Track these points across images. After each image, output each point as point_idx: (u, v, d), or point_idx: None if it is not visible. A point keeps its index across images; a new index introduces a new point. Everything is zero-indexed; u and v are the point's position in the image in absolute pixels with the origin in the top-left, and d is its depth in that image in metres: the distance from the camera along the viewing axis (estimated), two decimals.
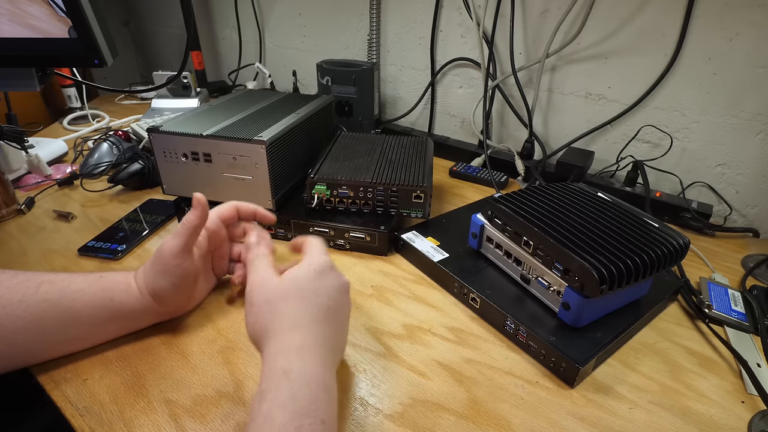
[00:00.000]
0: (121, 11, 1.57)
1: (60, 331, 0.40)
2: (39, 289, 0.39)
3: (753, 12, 0.61)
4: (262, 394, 0.30)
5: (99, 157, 0.78)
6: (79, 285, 0.41)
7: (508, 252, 0.51)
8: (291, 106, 0.70)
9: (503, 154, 0.86)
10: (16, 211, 0.68)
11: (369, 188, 0.59)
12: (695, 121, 0.71)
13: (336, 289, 0.38)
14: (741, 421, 0.39)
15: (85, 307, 0.40)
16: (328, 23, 1.09)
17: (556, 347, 0.41)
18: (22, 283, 0.39)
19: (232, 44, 1.34)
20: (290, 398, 0.29)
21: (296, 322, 0.34)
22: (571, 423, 0.38)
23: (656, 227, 0.47)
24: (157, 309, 0.44)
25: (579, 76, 0.79)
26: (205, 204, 0.43)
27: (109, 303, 0.41)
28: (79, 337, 0.41)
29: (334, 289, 0.38)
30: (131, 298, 0.42)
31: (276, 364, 0.31)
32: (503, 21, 0.81)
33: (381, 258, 0.59)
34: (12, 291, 0.38)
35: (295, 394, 0.29)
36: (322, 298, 0.37)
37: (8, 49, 0.64)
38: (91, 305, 0.40)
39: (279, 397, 0.29)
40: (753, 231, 0.68)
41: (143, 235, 0.62)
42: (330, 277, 0.38)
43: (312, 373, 0.31)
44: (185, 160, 0.59)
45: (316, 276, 0.37)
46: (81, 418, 0.37)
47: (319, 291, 0.37)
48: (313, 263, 0.38)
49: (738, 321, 0.50)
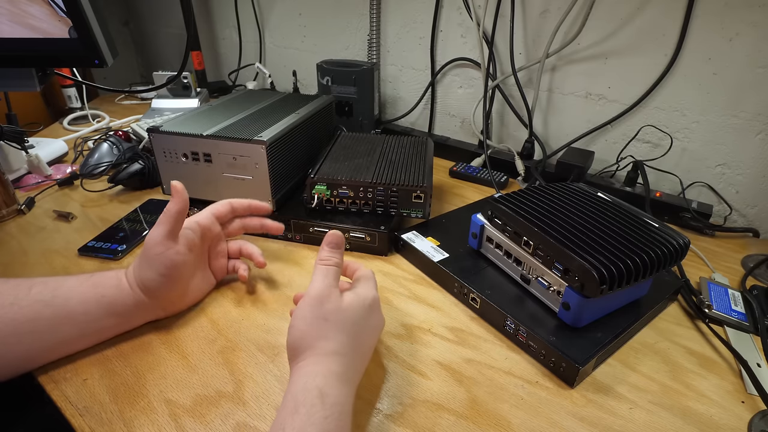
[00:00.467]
0: (121, 11, 1.57)
1: (54, 330, 0.40)
2: (31, 291, 0.39)
3: (753, 12, 0.61)
4: (296, 409, 0.30)
5: (99, 157, 0.78)
6: (70, 283, 0.41)
7: (508, 252, 0.51)
8: (291, 106, 0.70)
9: (503, 154, 0.86)
10: (16, 211, 0.68)
11: (369, 188, 0.59)
12: (695, 121, 0.71)
13: (377, 328, 0.41)
14: (741, 421, 0.39)
15: (78, 305, 0.40)
16: (328, 23, 1.09)
17: (556, 347, 0.41)
18: (14, 287, 0.39)
19: (232, 44, 1.34)
20: (322, 420, 0.30)
21: (342, 350, 0.35)
22: (571, 423, 0.38)
23: (656, 227, 0.47)
24: (149, 304, 0.43)
25: (579, 76, 0.79)
26: (182, 190, 0.43)
27: (102, 299, 0.41)
28: (73, 336, 0.41)
29: (376, 328, 0.40)
30: (122, 293, 0.42)
31: (314, 382, 0.32)
32: (503, 21, 0.81)
33: (381, 258, 0.59)
34: (3, 295, 0.38)
35: (327, 418, 0.30)
36: (366, 334, 0.38)
37: (8, 49, 0.64)
38: (83, 302, 0.40)
39: (313, 415, 0.30)
40: (753, 231, 0.68)
41: (143, 235, 0.62)
42: (376, 316, 0.40)
43: (344, 403, 0.32)
44: (185, 160, 0.59)
45: (368, 312, 0.39)
46: (81, 418, 0.37)
47: (366, 327, 0.38)
48: (369, 298, 0.39)
49: (738, 321, 0.50)
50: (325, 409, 0.30)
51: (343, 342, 0.35)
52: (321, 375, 0.33)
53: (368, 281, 0.41)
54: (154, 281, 0.42)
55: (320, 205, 0.60)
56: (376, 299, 0.40)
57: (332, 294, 0.37)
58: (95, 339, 0.43)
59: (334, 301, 0.37)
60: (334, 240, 0.40)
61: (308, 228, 0.60)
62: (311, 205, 0.60)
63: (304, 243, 0.62)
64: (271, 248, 0.60)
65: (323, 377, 0.32)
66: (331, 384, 0.32)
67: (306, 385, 0.32)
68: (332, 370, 0.33)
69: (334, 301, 0.37)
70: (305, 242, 0.62)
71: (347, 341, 0.36)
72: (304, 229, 0.61)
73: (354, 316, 0.37)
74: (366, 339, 0.38)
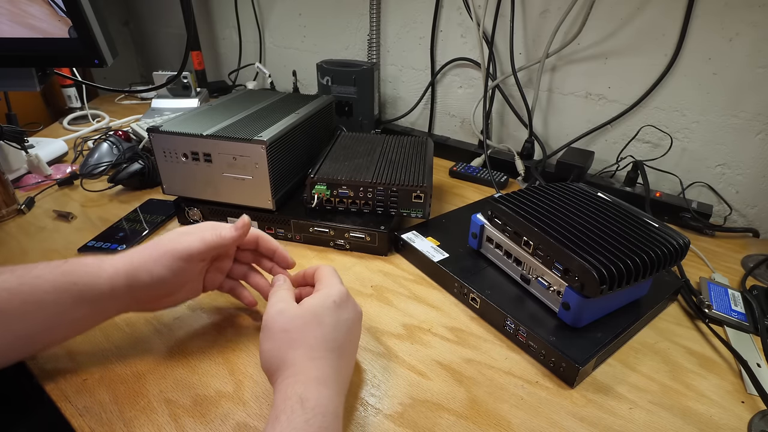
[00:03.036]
0: (121, 11, 1.57)
1: (24, 319, 0.37)
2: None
3: (753, 12, 0.61)
4: (276, 417, 0.30)
5: (99, 157, 0.78)
6: (39, 271, 0.38)
7: (508, 252, 0.51)
8: (291, 106, 0.70)
9: (503, 154, 0.86)
10: (16, 211, 0.68)
11: (369, 188, 0.59)
12: (695, 121, 0.71)
13: (353, 321, 0.39)
14: (741, 421, 0.39)
15: (47, 294, 0.37)
16: (328, 23, 1.09)
17: (556, 347, 0.41)
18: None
19: (232, 44, 1.34)
20: (304, 424, 0.30)
21: (314, 354, 0.34)
22: (571, 423, 0.38)
23: (656, 227, 0.47)
24: (126, 294, 0.40)
25: (579, 76, 0.79)
26: (247, 229, 0.43)
27: (73, 287, 0.38)
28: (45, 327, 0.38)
29: (351, 321, 0.38)
30: (99, 280, 0.39)
31: (293, 390, 0.32)
32: (503, 21, 0.81)
33: (381, 258, 0.59)
34: None
35: (309, 421, 0.30)
36: (340, 331, 0.37)
37: (8, 49, 0.64)
38: (53, 291, 0.37)
39: (294, 421, 0.30)
40: (753, 231, 0.68)
41: (143, 235, 0.62)
42: (348, 309, 0.39)
43: (326, 404, 0.32)
44: (185, 160, 0.59)
45: (336, 308, 0.37)
46: (81, 418, 0.37)
47: (338, 324, 0.37)
48: (332, 294, 0.38)
49: (738, 321, 0.50)
50: (305, 412, 0.30)
51: (313, 346, 0.35)
52: (300, 382, 0.32)
53: (329, 278, 0.40)
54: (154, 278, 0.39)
55: (320, 205, 0.60)
56: (342, 293, 0.39)
57: (285, 307, 0.37)
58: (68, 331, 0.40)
59: (290, 312, 0.36)
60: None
61: (308, 228, 0.60)
62: (311, 205, 0.60)
63: (304, 243, 0.62)
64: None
65: (302, 384, 0.32)
66: (310, 389, 0.32)
67: (286, 394, 0.32)
68: (310, 375, 0.33)
69: (290, 311, 0.36)
70: (305, 242, 0.62)
71: (318, 344, 0.35)
72: (304, 229, 0.61)
73: (315, 318, 0.36)
74: (342, 335, 0.37)
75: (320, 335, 0.35)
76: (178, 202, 0.64)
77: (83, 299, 0.38)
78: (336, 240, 0.60)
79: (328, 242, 0.60)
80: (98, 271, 0.39)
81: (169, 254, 0.40)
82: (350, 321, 0.38)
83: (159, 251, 0.40)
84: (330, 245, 0.61)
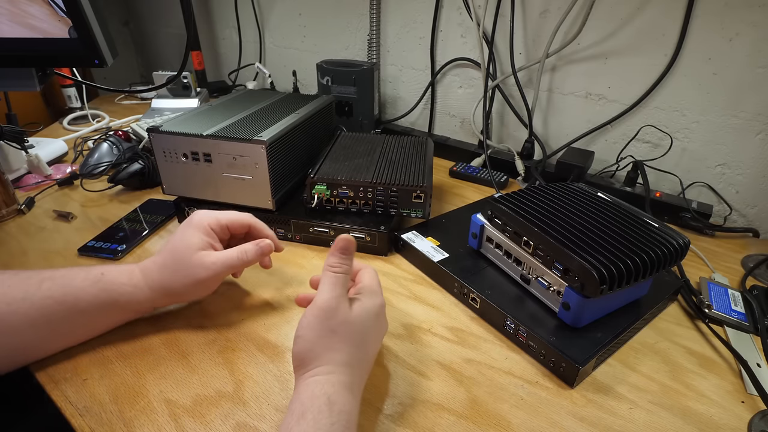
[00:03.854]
0: (121, 11, 1.57)
1: (68, 322, 0.41)
2: (41, 286, 0.40)
3: (753, 12, 0.61)
4: (303, 414, 0.30)
5: (99, 157, 0.78)
6: (80, 283, 0.41)
7: (508, 252, 0.51)
8: (291, 106, 0.70)
9: (503, 154, 0.86)
10: (16, 211, 0.68)
11: (369, 188, 0.59)
12: (695, 121, 0.71)
13: (382, 334, 0.40)
14: (741, 421, 0.39)
15: (90, 306, 0.41)
16: (328, 23, 1.09)
17: (556, 347, 0.41)
18: (24, 280, 0.40)
19: (232, 44, 1.34)
20: (329, 426, 0.30)
21: (350, 361, 0.35)
22: (571, 423, 0.38)
23: (656, 227, 0.47)
24: (164, 300, 0.45)
25: (579, 76, 0.79)
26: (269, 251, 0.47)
27: (114, 303, 0.42)
28: (86, 327, 0.43)
29: (381, 334, 0.40)
30: (137, 296, 0.43)
31: (322, 390, 0.32)
32: (503, 21, 0.81)
33: (381, 258, 0.59)
34: (14, 288, 0.39)
35: (334, 425, 0.30)
36: (371, 343, 0.38)
37: (8, 49, 0.64)
38: (96, 304, 0.41)
39: (320, 420, 0.30)
40: (753, 231, 0.68)
41: (143, 235, 0.62)
42: (381, 323, 0.40)
43: (350, 410, 0.32)
44: (185, 160, 0.59)
45: (375, 321, 0.38)
46: (81, 418, 0.37)
47: (372, 336, 0.38)
48: (376, 306, 0.39)
49: (738, 321, 0.50)
50: (332, 415, 0.30)
51: (351, 353, 0.35)
52: (330, 383, 0.33)
53: (376, 286, 0.41)
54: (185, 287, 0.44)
55: (320, 205, 0.60)
56: (382, 306, 0.40)
57: (341, 305, 0.36)
58: (105, 329, 0.44)
59: (343, 313, 0.35)
60: (345, 245, 0.38)
61: (308, 228, 0.60)
62: (311, 205, 0.60)
63: (304, 243, 0.62)
64: None
65: (332, 385, 0.32)
66: (339, 392, 0.32)
67: (314, 392, 0.32)
68: (341, 380, 0.33)
69: (343, 312, 0.36)
70: (305, 242, 0.62)
71: (355, 352, 0.35)
72: (304, 229, 0.61)
73: (362, 327, 0.37)
74: (371, 347, 0.38)
75: (359, 345, 0.36)
76: (178, 202, 0.64)
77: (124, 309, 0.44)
78: None
79: (328, 242, 0.61)
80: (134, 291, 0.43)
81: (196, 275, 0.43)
82: (381, 334, 0.40)
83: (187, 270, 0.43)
84: (330, 245, 0.60)
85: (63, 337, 0.42)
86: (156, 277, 0.43)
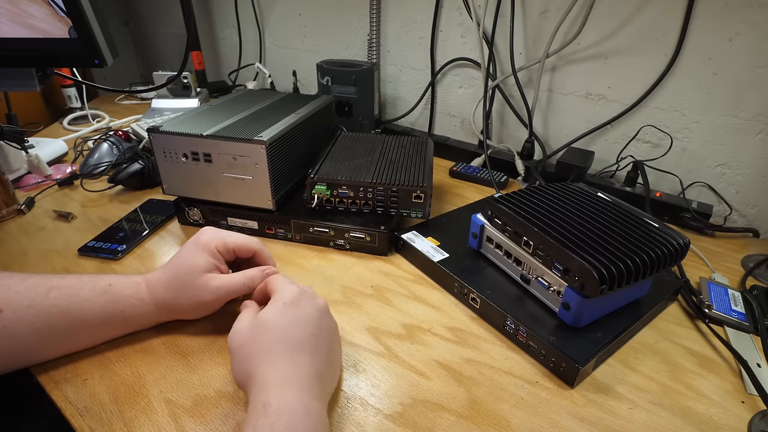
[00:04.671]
0: (121, 11, 1.57)
1: (71, 331, 0.41)
2: (48, 295, 0.40)
3: (753, 12, 0.61)
4: (245, 428, 0.31)
5: (99, 157, 0.78)
6: (87, 294, 0.41)
7: (508, 252, 0.51)
8: (291, 106, 0.70)
9: (503, 154, 0.86)
10: (16, 211, 0.68)
11: (369, 188, 0.59)
12: (695, 121, 0.71)
13: (314, 316, 0.38)
14: (741, 421, 0.39)
15: (95, 317, 0.41)
16: (328, 23, 1.09)
17: (556, 347, 0.41)
18: (31, 287, 0.40)
19: (232, 44, 1.34)
20: (270, 428, 0.30)
21: (269, 358, 0.35)
22: (571, 423, 0.38)
23: (656, 227, 0.47)
24: (167, 316, 0.45)
25: (579, 76, 0.79)
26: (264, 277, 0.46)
27: (120, 315, 0.42)
28: (88, 337, 0.43)
29: (312, 316, 0.38)
30: (143, 310, 0.43)
31: (257, 399, 0.32)
32: (503, 21, 0.81)
33: (381, 258, 0.59)
34: (21, 295, 0.39)
35: (274, 424, 0.30)
36: (297, 328, 0.37)
37: (8, 49, 0.64)
38: (101, 315, 0.41)
39: (259, 428, 0.30)
40: (753, 231, 0.68)
41: (143, 235, 0.62)
42: (304, 306, 0.39)
43: (290, 403, 0.32)
44: (185, 160, 0.59)
45: (289, 309, 0.38)
46: (81, 418, 0.37)
47: (296, 323, 0.37)
48: (281, 298, 0.38)
49: (738, 321, 0.50)
50: (269, 416, 0.30)
51: (268, 351, 0.35)
52: (262, 391, 0.33)
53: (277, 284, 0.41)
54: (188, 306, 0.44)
55: (320, 205, 0.60)
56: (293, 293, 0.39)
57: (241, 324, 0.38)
58: (107, 338, 0.44)
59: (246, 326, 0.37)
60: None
61: (308, 228, 0.60)
62: (311, 205, 0.60)
63: (304, 243, 0.62)
64: (271, 248, 0.60)
65: (264, 390, 0.33)
66: (271, 393, 0.32)
67: (252, 405, 0.32)
68: (269, 380, 0.33)
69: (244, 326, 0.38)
70: (305, 242, 0.62)
71: (273, 348, 0.35)
72: (304, 229, 0.61)
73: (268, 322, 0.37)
74: (299, 333, 0.36)
75: (272, 339, 0.36)
76: (178, 202, 0.64)
77: (129, 322, 0.44)
78: (336, 240, 0.60)
79: (328, 242, 0.61)
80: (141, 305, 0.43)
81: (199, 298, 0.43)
82: (309, 316, 0.38)
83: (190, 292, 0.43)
84: (330, 245, 0.61)
85: (64, 345, 0.42)
86: (160, 295, 0.43)
